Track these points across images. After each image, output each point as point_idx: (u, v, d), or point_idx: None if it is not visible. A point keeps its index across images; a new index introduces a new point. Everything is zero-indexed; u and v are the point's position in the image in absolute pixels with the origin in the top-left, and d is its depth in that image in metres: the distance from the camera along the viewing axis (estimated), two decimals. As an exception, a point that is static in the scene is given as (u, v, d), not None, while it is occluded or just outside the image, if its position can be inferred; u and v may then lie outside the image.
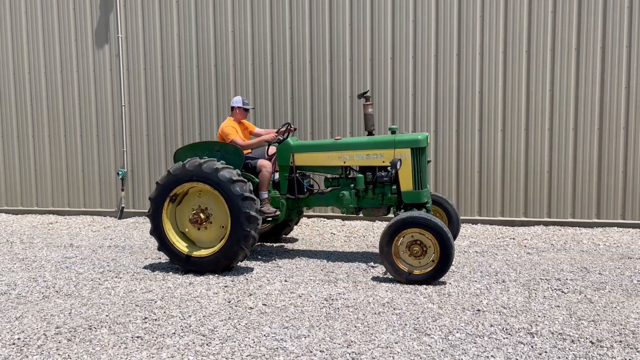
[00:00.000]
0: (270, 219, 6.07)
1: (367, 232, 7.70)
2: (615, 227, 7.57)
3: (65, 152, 9.39)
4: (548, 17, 7.61)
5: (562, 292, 4.89)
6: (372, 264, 5.94)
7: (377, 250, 6.64)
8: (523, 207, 7.89)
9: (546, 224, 7.81)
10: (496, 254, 6.30)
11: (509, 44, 7.76)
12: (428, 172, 6.29)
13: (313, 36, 8.38)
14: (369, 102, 6.10)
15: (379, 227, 8.03)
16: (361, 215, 6.21)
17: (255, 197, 5.59)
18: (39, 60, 9.34)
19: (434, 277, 5.14)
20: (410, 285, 5.15)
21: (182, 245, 5.78)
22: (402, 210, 5.82)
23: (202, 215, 5.73)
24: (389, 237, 5.22)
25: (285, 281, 5.38)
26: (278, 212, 6.01)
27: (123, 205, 9.22)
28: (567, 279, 5.29)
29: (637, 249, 6.47)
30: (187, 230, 5.86)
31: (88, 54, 9.18)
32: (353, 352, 3.73)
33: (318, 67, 8.36)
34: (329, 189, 6.28)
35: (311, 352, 3.74)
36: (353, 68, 8.24)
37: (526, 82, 7.75)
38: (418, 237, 5.18)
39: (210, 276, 5.61)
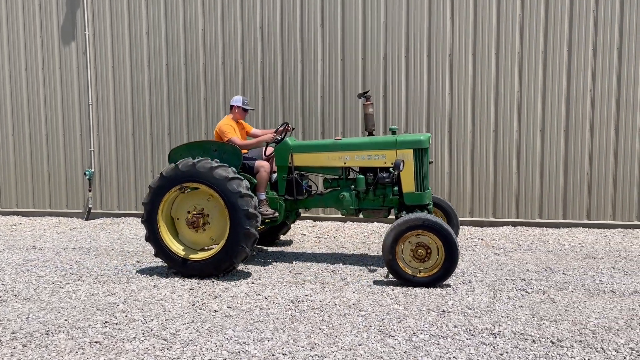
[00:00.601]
0: (267, 220, 5.85)
1: (337, 233, 7.68)
2: (581, 228, 7.71)
3: (30, 151, 9.16)
4: (516, 19, 7.71)
5: (527, 292, 4.94)
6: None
7: (346, 252, 6.63)
8: (492, 207, 7.97)
9: (514, 224, 7.91)
10: (464, 255, 6.34)
11: (477, 47, 7.84)
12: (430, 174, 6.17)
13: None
14: (369, 102, 5.97)
15: (350, 227, 8.03)
16: (361, 216, 6.10)
17: (252, 194, 5.43)
18: (2, 57, 9.09)
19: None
20: (377, 286, 5.14)
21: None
22: (404, 212, 5.73)
23: (200, 219, 5.54)
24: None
25: (252, 283, 5.32)
26: (276, 214, 5.85)
27: (90, 206, 9.02)
28: (531, 279, 5.35)
29: (601, 249, 6.59)
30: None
31: (54, 51, 8.96)
32: (316, 354, 3.70)
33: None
34: (328, 190, 6.14)
35: (274, 355, 3.69)
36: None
37: (495, 85, 7.83)
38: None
39: (176, 278, 5.52)
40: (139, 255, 6.53)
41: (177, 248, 5.60)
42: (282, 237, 7.21)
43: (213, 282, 5.38)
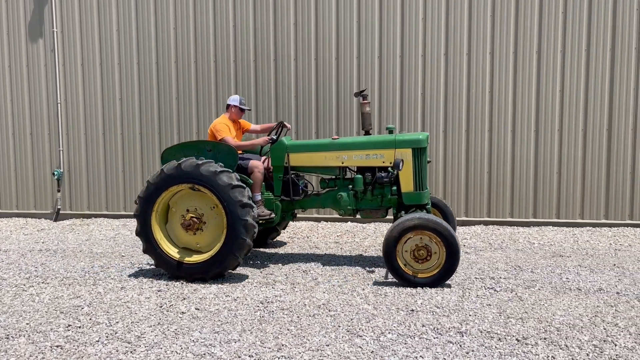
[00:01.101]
0: (261, 222, 5.70)
1: (310, 233, 7.66)
2: (550, 226, 7.83)
3: (-4, 151, 8.93)
4: (487, 21, 7.79)
5: (495, 290, 4.99)
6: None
7: (319, 252, 6.61)
8: (464, 207, 8.04)
9: (486, 223, 7.99)
10: (435, 254, 6.37)
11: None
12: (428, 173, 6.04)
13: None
14: (366, 101, 5.90)
15: (323, 227, 8.01)
16: (358, 216, 6.03)
17: (253, 204, 5.30)
18: (-33, 53, 8.85)
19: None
20: (348, 286, 5.13)
21: (172, 251, 5.42)
22: (403, 212, 5.68)
23: (196, 220, 5.39)
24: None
25: (222, 284, 5.26)
26: (273, 215, 5.74)
27: (59, 206, 8.84)
28: (500, 277, 5.40)
29: (569, 247, 6.70)
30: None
31: (21, 48, 8.75)
32: (283, 355, 3.67)
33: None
34: (325, 190, 6.04)
35: (239, 357, 3.65)
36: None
37: (467, 86, 7.90)
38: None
39: (144, 280, 5.42)
40: (108, 257, 6.41)
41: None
42: (270, 241, 6.96)
43: (182, 283, 5.30)
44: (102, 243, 7.18)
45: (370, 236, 7.46)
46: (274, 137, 5.91)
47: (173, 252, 5.42)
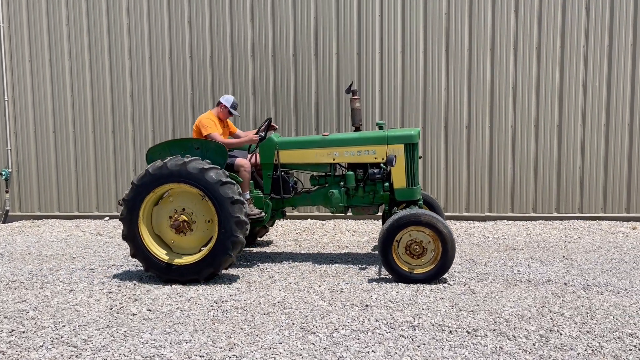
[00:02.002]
0: (250, 221, 5.47)
1: (269, 231, 7.60)
2: (505, 220, 8.01)
3: (-61, 150, 8.53)
4: (442, 19, 7.89)
5: (449, 284, 5.06)
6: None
7: (277, 250, 6.57)
8: (422, 202, 8.13)
9: (443, 218, 8.10)
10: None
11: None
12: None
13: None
14: (356, 97, 5.84)
15: (283, 225, 7.97)
16: (350, 214, 5.98)
17: (244, 200, 5.16)
18: None
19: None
20: (304, 283, 5.12)
21: (161, 253, 5.21)
22: (395, 208, 5.62)
23: (185, 220, 5.20)
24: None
25: (175, 284, 5.16)
26: (263, 214, 5.62)
27: (8, 208, 8.51)
28: (455, 271, 5.48)
29: (522, 240, 6.87)
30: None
31: (-36, 43, 8.39)
32: (234, 355, 3.62)
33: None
34: (316, 187, 5.96)
35: (190, 357, 3.58)
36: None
37: (423, 82, 7.99)
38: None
39: (95, 282, 5.27)
40: (58, 259, 6.21)
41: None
42: (258, 239, 6.86)
43: (134, 284, 5.18)
44: (52, 245, 6.95)
45: (329, 233, 7.47)
46: (262, 135, 5.79)
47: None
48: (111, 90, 8.32)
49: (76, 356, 3.62)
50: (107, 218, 8.47)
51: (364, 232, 7.48)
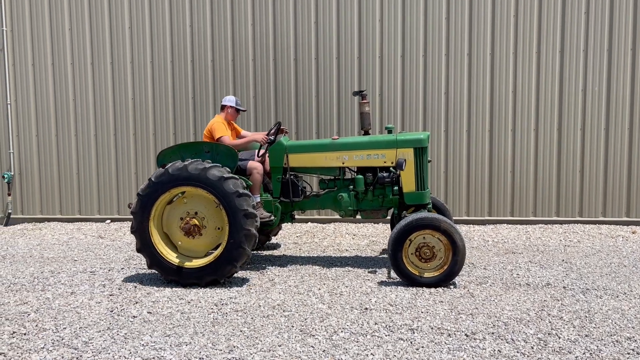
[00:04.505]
0: (257, 224, 5.44)
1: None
2: (505, 224, 8.02)
3: (-59, 153, 8.58)
4: (442, 23, 7.93)
5: (448, 287, 5.08)
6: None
7: (277, 253, 6.59)
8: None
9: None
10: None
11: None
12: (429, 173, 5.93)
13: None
14: (365, 100, 5.84)
15: (284, 228, 7.99)
16: (359, 217, 5.99)
17: (250, 194, 5.17)
18: None
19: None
20: (304, 286, 5.14)
21: (167, 252, 5.22)
22: (405, 212, 5.63)
23: (196, 224, 5.21)
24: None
25: (176, 287, 5.19)
26: (273, 217, 5.64)
27: (10, 211, 8.55)
28: (454, 274, 5.49)
29: (521, 244, 6.88)
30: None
31: (-32, 47, 8.44)
32: (234, 357, 3.64)
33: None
34: (325, 191, 5.97)
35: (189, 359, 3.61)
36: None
37: (423, 87, 8.02)
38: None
39: (96, 284, 5.30)
40: (59, 262, 6.24)
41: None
42: (267, 243, 6.88)
43: (135, 287, 5.20)
44: (54, 247, 6.98)
45: (329, 236, 7.49)
46: (272, 138, 5.81)
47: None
48: (113, 94, 8.37)
49: (77, 358, 3.65)
50: (108, 221, 8.50)
51: (364, 236, 7.50)
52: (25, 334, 4.06)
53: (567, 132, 7.91)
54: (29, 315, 4.46)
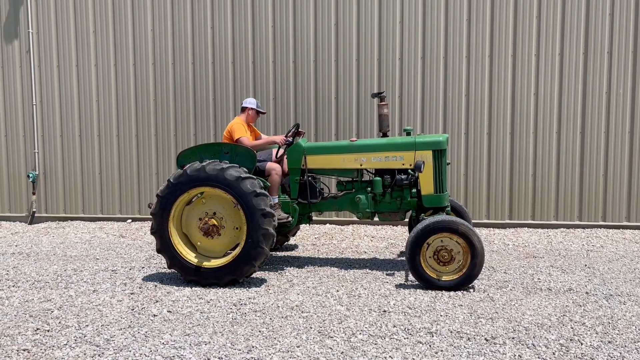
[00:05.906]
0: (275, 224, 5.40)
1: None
2: (526, 228, 7.92)
3: (-31, 153, 8.79)
4: (463, 25, 7.87)
5: (467, 291, 5.03)
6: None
7: (295, 254, 6.61)
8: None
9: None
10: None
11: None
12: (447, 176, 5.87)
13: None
14: (383, 102, 5.83)
15: (302, 229, 8.00)
16: (376, 219, 5.99)
17: (267, 193, 5.21)
18: (-61, 54, 8.70)
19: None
20: (322, 288, 5.14)
21: (187, 252, 5.30)
22: (423, 215, 5.59)
23: (215, 224, 5.26)
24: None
25: (195, 286, 5.24)
26: (290, 218, 5.67)
27: (34, 209, 8.72)
28: (474, 278, 5.44)
29: (542, 248, 6.79)
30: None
31: (-5, 49, 8.64)
32: (252, 357, 3.66)
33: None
34: (343, 192, 5.94)
35: (208, 359, 3.64)
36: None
37: (443, 88, 7.97)
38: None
39: (117, 282, 5.38)
40: (82, 260, 6.35)
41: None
42: (285, 244, 6.88)
43: (155, 286, 5.27)
44: (77, 246, 7.10)
45: (347, 238, 7.48)
46: (290, 140, 5.84)
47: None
48: (135, 95, 8.48)
49: (99, 355, 3.71)
50: (129, 220, 8.62)
51: (382, 238, 7.48)
52: (48, 331, 4.14)
53: (591, 135, 7.78)
54: (52, 312, 4.55)
